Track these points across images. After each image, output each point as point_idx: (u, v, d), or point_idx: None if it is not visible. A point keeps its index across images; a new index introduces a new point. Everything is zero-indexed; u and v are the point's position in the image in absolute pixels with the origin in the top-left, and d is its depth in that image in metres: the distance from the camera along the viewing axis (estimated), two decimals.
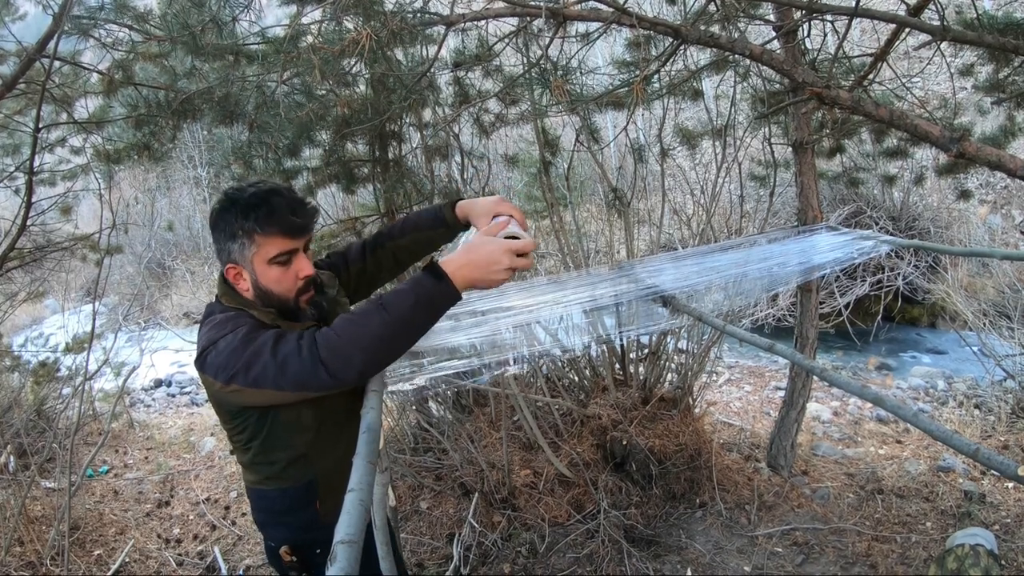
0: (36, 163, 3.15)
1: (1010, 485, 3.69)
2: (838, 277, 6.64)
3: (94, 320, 3.57)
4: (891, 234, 6.82)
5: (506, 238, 1.26)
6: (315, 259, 1.62)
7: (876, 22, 2.60)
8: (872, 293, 6.95)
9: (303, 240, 1.38)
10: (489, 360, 1.53)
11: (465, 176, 3.89)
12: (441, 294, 1.17)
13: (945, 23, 2.17)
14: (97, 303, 4.02)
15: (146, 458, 5.10)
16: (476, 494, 3.22)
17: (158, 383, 7.74)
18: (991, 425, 4.69)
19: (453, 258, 1.19)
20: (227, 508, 4.07)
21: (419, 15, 2.37)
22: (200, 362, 1.27)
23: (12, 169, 4.02)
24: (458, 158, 3.90)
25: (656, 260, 2.06)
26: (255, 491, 1.53)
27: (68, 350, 5.03)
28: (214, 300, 1.45)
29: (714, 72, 3.70)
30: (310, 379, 1.15)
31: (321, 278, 1.51)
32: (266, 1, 3.19)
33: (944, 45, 2.56)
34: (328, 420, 1.46)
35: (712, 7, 2.75)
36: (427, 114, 3.95)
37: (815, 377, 3.67)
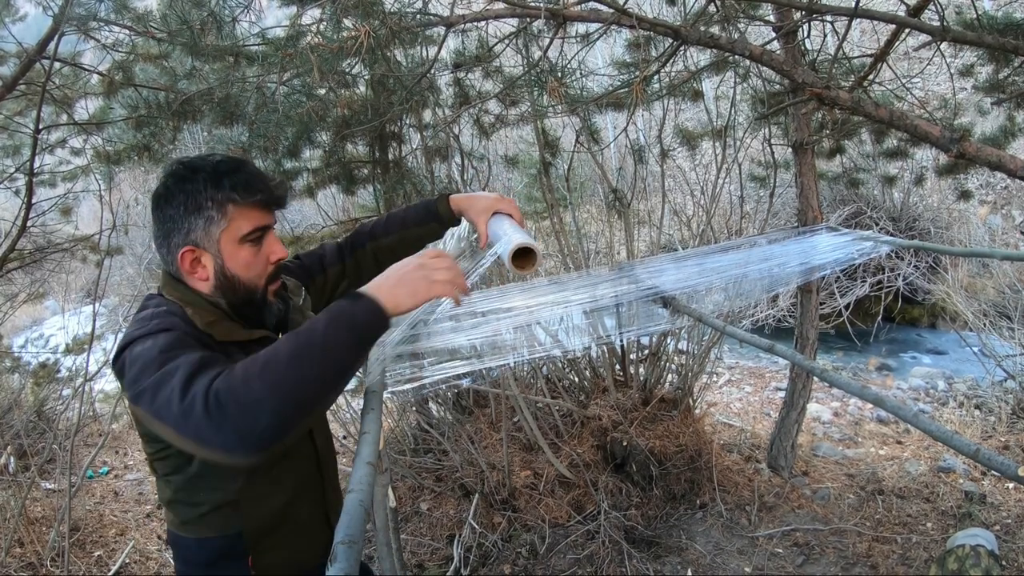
0: (36, 164, 3.16)
1: (1011, 486, 3.69)
2: (838, 278, 6.64)
3: (94, 321, 3.57)
4: (891, 234, 6.82)
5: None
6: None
7: (876, 23, 2.60)
8: (872, 294, 6.95)
9: (274, 218, 1.20)
10: (489, 362, 1.52)
11: (465, 177, 3.89)
12: (362, 310, 0.97)
13: (945, 24, 2.17)
14: (97, 304, 4.02)
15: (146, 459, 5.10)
16: (476, 495, 3.22)
17: None
18: (991, 426, 4.68)
19: (372, 281, 1.05)
20: None
21: (419, 16, 2.37)
22: (116, 363, 1.03)
23: (12, 170, 4.03)
24: (458, 159, 3.90)
25: (656, 261, 2.06)
26: (174, 536, 1.23)
27: (68, 351, 5.04)
28: (155, 292, 1.20)
29: (714, 73, 3.71)
30: (210, 434, 0.85)
31: (287, 283, 1.32)
32: (266, 2, 3.20)
33: (944, 46, 2.57)
34: (268, 460, 1.21)
35: (712, 8, 2.75)
36: (427, 115, 3.95)
37: (815, 378, 3.67)
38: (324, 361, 0.90)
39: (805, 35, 3.02)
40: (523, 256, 1.23)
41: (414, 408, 3.97)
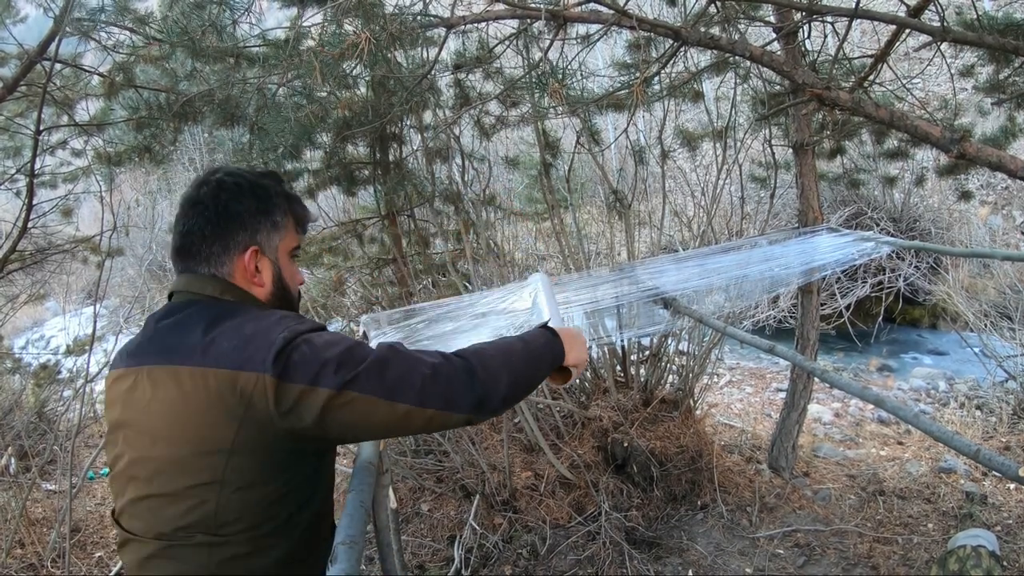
0: (37, 165, 3.16)
1: (1012, 486, 3.69)
2: (839, 278, 6.63)
3: (95, 322, 3.57)
4: (892, 235, 6.82)
5: None
6: None
7: (876, 23, 2.60)
8: (873, 294, 6.95)
9: None
10: None
11: (466, 178, 3.89)
12: (558, 347, 1.15)
13: (945, 24, 2.17)
14: (98, 305, 4.02)
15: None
16: (477, 496, 3.22)
17: None
18: (992, 426, 4.68)
19: (557, 327, 1.20)
20: None
21: (419, 17, 2.38)
22: (280, 360, 0.87)
23: (13, 171, 4.03)
24: (459, 160, 3.91)
25: (657, 262, 2.06)
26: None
27: (69, 352, 5.04)
28: (204, 298, 1.01)
29: (714, 74, 3.71)
30: (462, 397, 0.94)
31: None
32: (266, 4, 3.20)
33: (944, 46, 2.57)
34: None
35: (712, 9, 2.75)
36: (428, 116, 3.95)
37: (816, 379, 3.67)
38: (535, 373, 1.10)
39: (805, 36, 3.02)
40: (560, 372, 1.23)
41: None
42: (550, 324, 1.24)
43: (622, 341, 3.60)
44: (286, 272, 1.10)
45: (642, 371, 3.73)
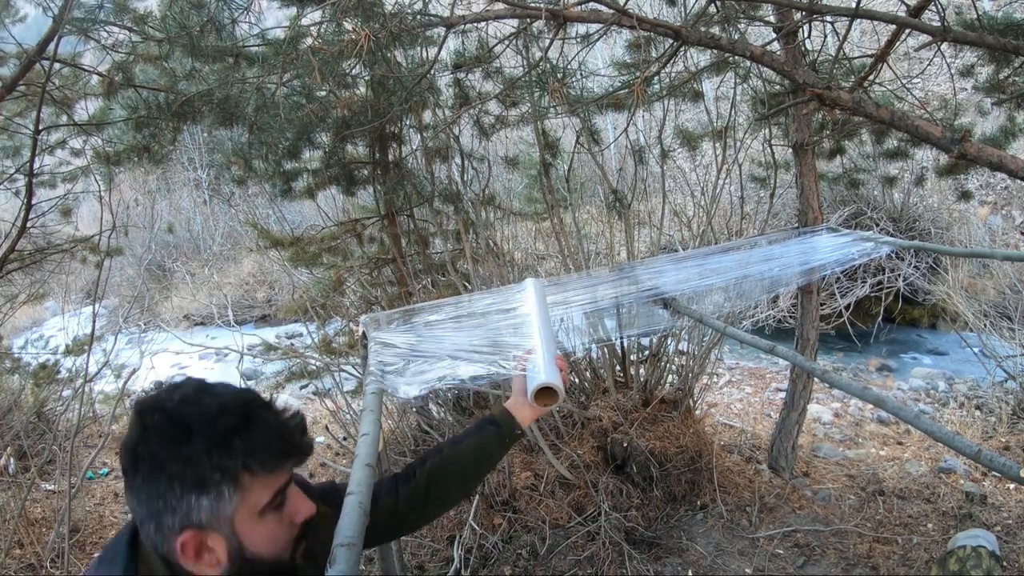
0: (36, 165, 3.16)
1: (1012, 486, 3.69)
2: (839, 278, 6.63)
3: (94, 322, 3.57)
4: (891, 235, 6.81)
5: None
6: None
7: (876, 23, 2.60)
8: (873, 294, 6.95)
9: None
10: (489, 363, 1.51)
11: (465, 178, 3.89)
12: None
13: (945, 24, 2.16)
14: (97, 305, 4.02)
15: None
16: (476, 496, 3.21)
17: (158, 385, 7.74)
18: (992, 426, 4.68)
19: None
20: None
21: (419, 17, 2.37)
22: None
23: (12, 171, 4.03)
24: (458, 160, 3.90)
25: (657, 262, 2.05)
26: None
27: (68, 352, 5.04)
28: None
29: (714, 73, 3.71)
30: None
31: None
32: (266, 4, 3.20)
33: (944, 46, 2.56)
34: None
35: (712, 8, 2.75)
36: (427, 116, 3.95)
37: (816, 378, 3.67)
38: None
39: (805, 36, 3.02)
40: (545, 393, 1.25)
41: (414, 410, 3.96)
42: (539, 334, 1.23)
43: (622, 341, 3.59)
44: (251, 540, 0.86)
45: (642, 371, 3.73)
